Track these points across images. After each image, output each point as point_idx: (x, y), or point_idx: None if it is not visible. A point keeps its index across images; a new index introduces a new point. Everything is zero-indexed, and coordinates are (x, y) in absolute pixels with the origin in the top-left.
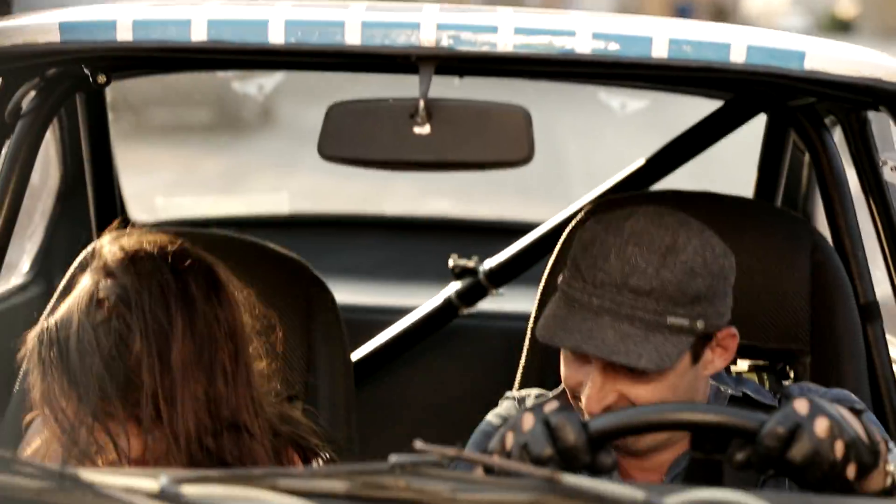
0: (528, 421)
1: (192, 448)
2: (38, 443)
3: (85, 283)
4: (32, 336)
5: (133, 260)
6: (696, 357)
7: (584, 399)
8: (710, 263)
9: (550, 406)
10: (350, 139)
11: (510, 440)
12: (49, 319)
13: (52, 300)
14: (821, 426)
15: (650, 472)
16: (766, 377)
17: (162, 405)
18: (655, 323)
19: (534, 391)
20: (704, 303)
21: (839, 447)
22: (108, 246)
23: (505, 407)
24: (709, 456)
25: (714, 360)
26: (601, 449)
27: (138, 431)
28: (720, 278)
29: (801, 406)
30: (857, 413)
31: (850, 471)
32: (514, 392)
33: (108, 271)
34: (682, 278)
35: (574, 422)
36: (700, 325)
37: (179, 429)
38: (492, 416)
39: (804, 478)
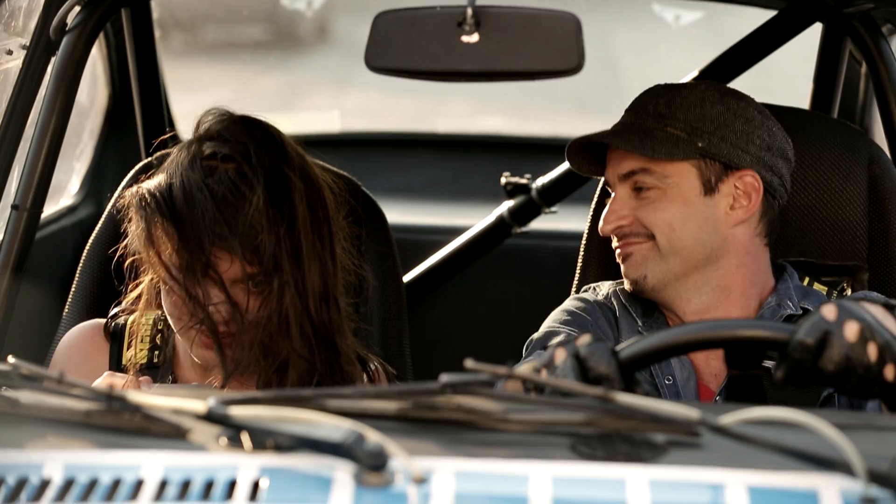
0: (561, 355)
1: (315, 304)
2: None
3: (181, 153)
4: (129, 195)
5: (244, 123)
6: (707, 187)
7: (601, 221)
8: (728, 98)
9: (583, 339)
10: (397, 49)
11: (544, 375)
12: (138, 185)
13: (102, 219)
14: (850, 330)
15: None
16: (835, 293)
17: (285, 259)
18: (652, 127)
19: (608, 282)
20: (711, 125)
21: (872, 350)
22: (208, 120)
23: (582, 295)
24: (746, 372)
25: (734, 205)
26: (633, 379)
27: (253, 289)
28: (740, 117)
29: (828, 312)
30: (891, 309)
31: (889, 372)
32: (592, 284)
33: (213, 135)
34: (691, 103)
35: (603, 350)
36: (701, 143)
37: (307, 283)
38: (568, 304)
39: (842, 385)
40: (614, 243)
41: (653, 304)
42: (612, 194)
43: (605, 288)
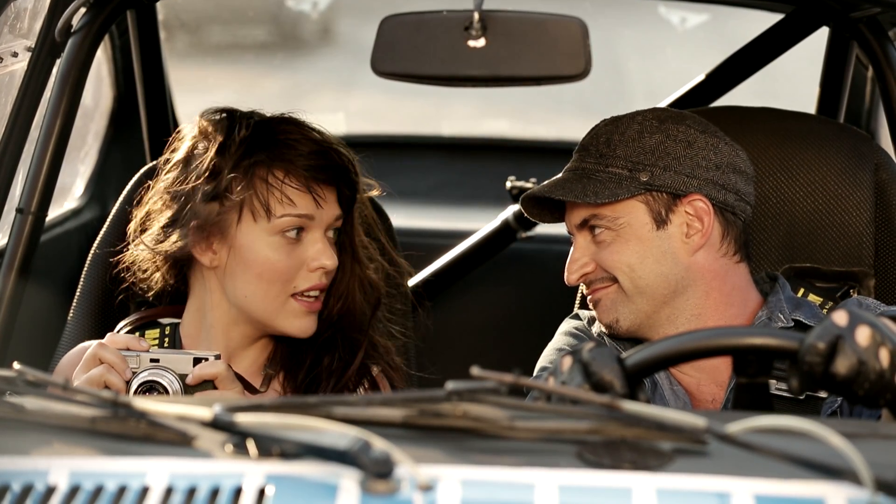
0: (567, 362)
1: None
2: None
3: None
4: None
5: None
6: (658, 220)
7: (565, 272)
8: (667, 125)
9: (588, 345)
10: (404, 53)
11: (551, 383)
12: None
13: (107, 222)
14: (862, 335)
15: (720, 388)
16: (829, 304)
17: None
18: (594, 171)
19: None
20: (652, 156)
21: (884, 355)
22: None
23: (573, 325)
24: (753, 380)
25: (689, 232)
26: (638, 385)
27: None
28: (681, 142)
29: (839, 318)
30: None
31: None
32: (583, 312)
33: (212, 114)
34: (629, 137)
35: (608, 357)
36: (645, 177)
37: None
38: (559, 337)
39: (853, 392)
40: (584, 290)
41: (638, 340)
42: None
43: (596, 326)
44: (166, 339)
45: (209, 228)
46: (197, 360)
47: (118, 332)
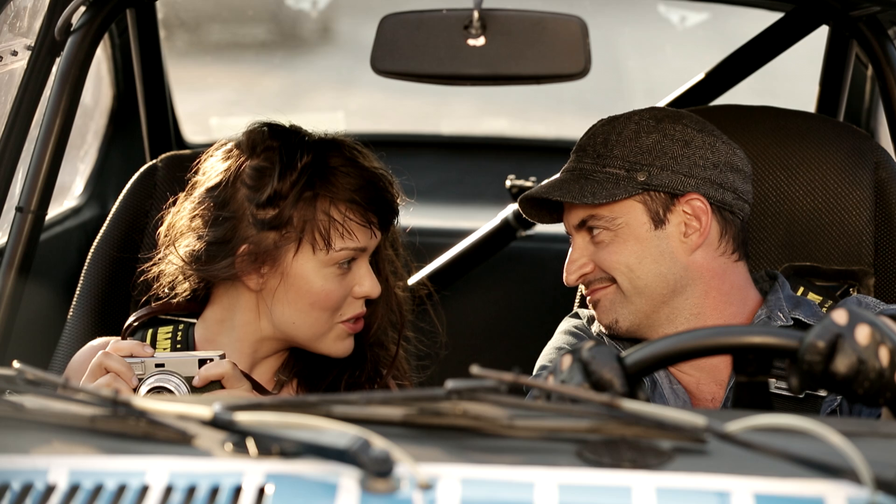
0: (567, 361)
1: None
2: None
3: (217, 161)
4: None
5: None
6: (656, 220)
7: (564, 272)
8: (664, 124)
9: (588, 344)
10: (403, 52)
11: (551, 382)
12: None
13: (107, 221)
14: (862, 334)
15: (719, 387)
16: (829, 303)
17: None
18: (591, 171)
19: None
20: (649, 156)
21: (884, 353)
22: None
23: (573, 324)
24: (753, 379)
25: (687, 231)
26: (638, 384)
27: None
28: (678, 141)
29: (839, 316)
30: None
31: None
32: (583, 311)
33: (260, 129)
34: (626, 137)
35: (607, 356)
36: (642, 177)
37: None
38: (559, 336)
39: (853, 391)
40: (583, 290)
41: (638, 340)
42: (571, 244)
43: (596, 325)
44: (179, 334)
45: (262, 256)
46: (202, 362)
47: (128, 327)
